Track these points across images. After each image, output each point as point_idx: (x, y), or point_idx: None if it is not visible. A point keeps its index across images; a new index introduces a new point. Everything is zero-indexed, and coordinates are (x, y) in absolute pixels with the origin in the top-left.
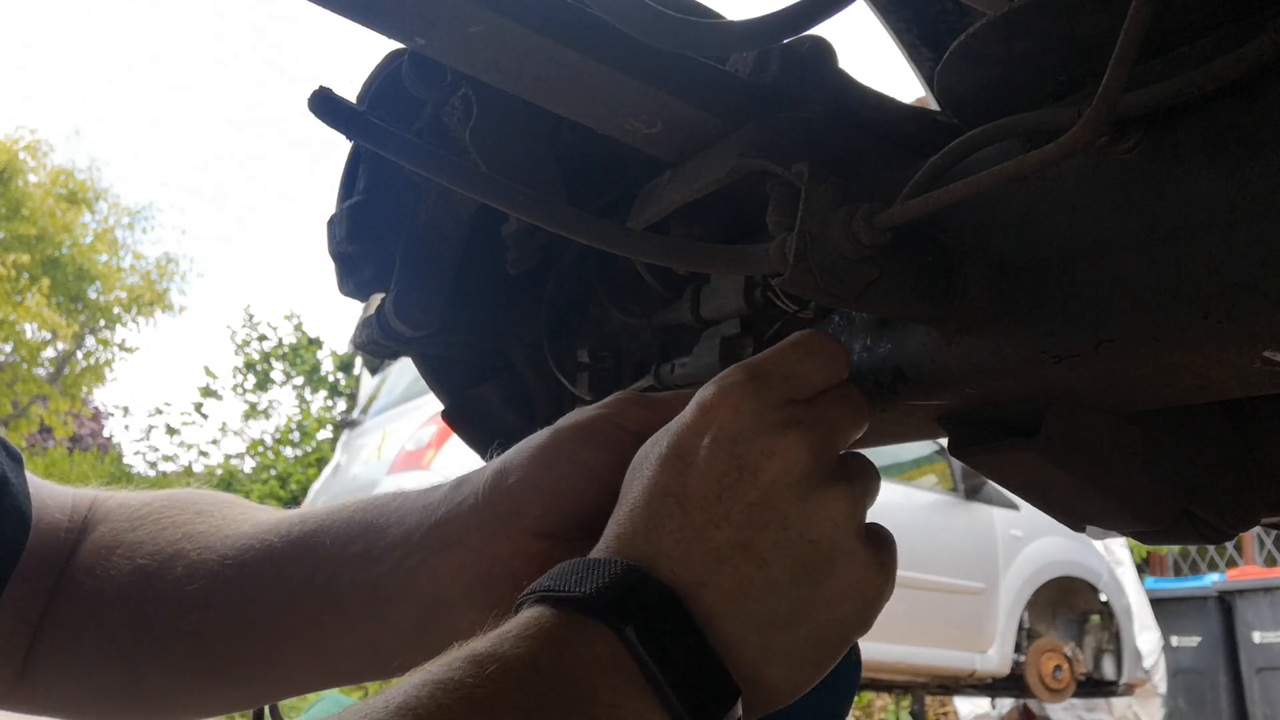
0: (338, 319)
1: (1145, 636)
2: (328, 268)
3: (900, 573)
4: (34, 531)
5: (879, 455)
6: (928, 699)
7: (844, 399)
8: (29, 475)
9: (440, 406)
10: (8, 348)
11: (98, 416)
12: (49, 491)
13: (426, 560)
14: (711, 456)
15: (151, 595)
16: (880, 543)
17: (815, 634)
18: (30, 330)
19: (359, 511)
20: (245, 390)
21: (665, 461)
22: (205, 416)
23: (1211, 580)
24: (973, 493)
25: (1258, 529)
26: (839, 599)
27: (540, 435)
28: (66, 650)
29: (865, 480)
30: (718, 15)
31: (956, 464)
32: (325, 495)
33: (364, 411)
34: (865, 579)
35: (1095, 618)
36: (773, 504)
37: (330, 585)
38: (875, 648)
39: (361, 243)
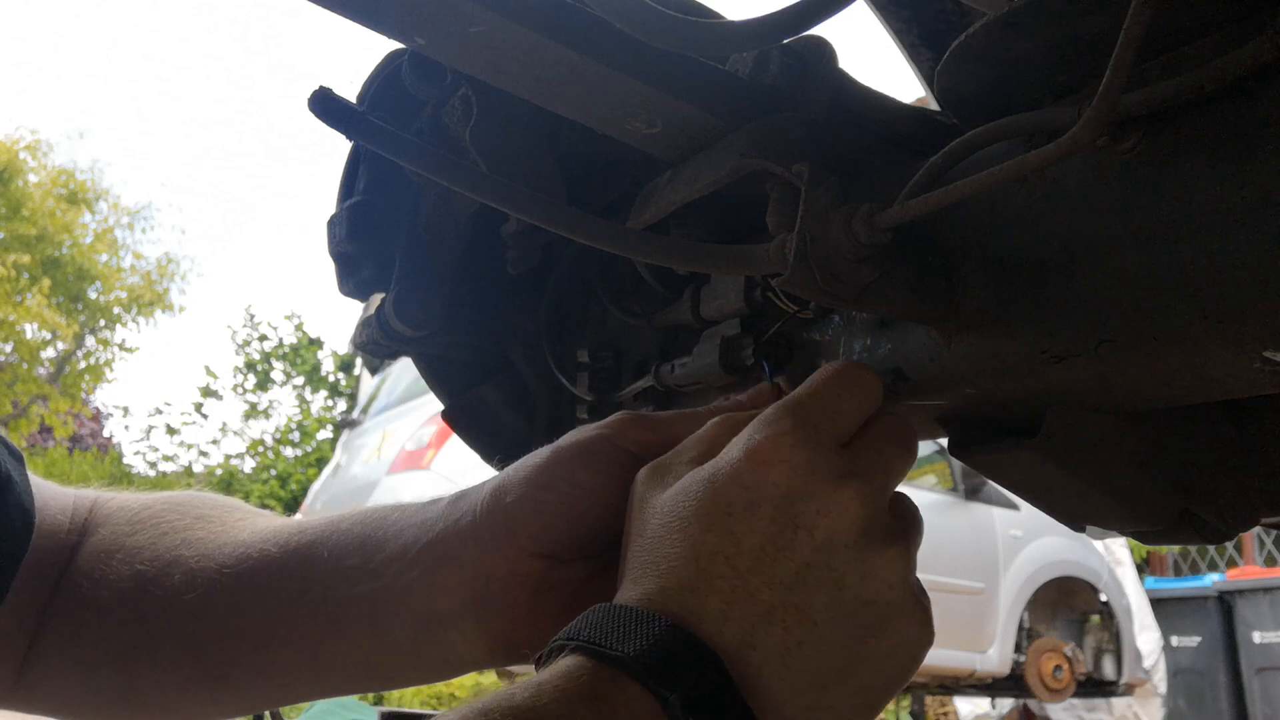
0: (338, 319)
1: (1145, 636)
2: (328, 268)
3: None
4: (36, 532)
5: None
6: (928, 699)
7: (892, 434)
8: (30, 475)
9: (440, 406)
10: (8, 348)
11: (98, 416)
12: (50, 492)
13: (422, 576)
14: (763, 515)
15: (149, 602)
16: (923, 596)
17: (861, 692)
18: (30, 330)
19: (357, 524)
20: (245, 390)
21: (713, 518)
22: (205, 416)
23: (1211, 580)
24: (973, 493)
25: (1258, 529)
26: (887, 656)
27: (539, 454)
28: (65, 653)
29: (918, 535)
30: (718, 15)
31: (956, 464)
32: (325, 495)
33: (364, 411)
34: (915, 638)
35: (1095, 618)
36: (828, 564)
37: (326, 598)
38: None
39: (361, 243)
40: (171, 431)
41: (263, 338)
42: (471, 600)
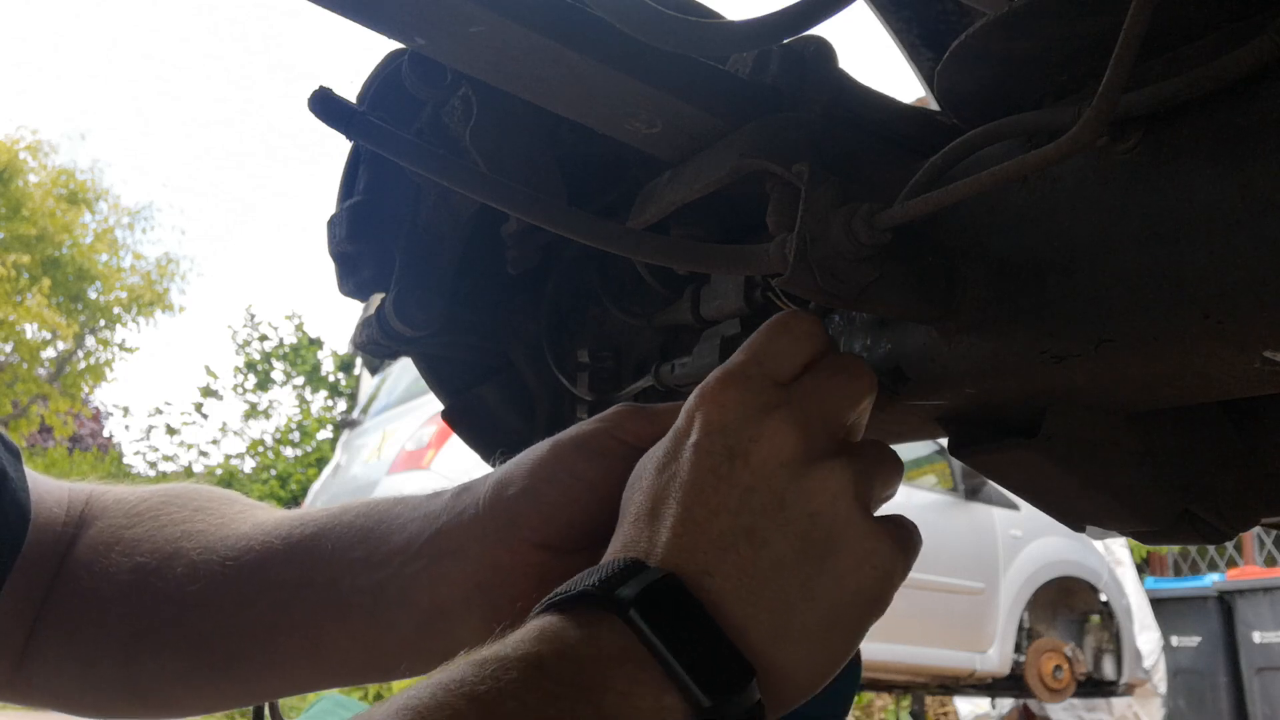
0: (338, 319)
1: (1145, 636)
2: (328, 268)
3: None
4: (32, 526)
5: None
6: (928, 699)
7: (832, 369)
8: (26, 469)
9: (440, 406)
10: (8, 348)
11: (98, 416)
12: (45, 486)
13: (426, 568)
14: (701, 451)
15: (151, 594)
16: (896, 522)
17: (830, 611)
18: (30, 330)
19: (361, 516)
20: (245, 390)
21: (660, 469)
22: (205, 416)
23: (1211, 580)
24: (973, 493)
25: (1258, 529)
26: (850, 571)
27: (540, 447)
28: (64, 645)
29: (868, 459)
30: (718, 15)
31: (956, 464)
32: (325, 495)
33: (364, 411)
34: (876, 549)
35: (1095, 618)
36: (768, 485)
37: (330, 589)
38: (875, 648)
39: (361, 243)
40: (171, 431)
41: (263, 338)
42: (475, 591)
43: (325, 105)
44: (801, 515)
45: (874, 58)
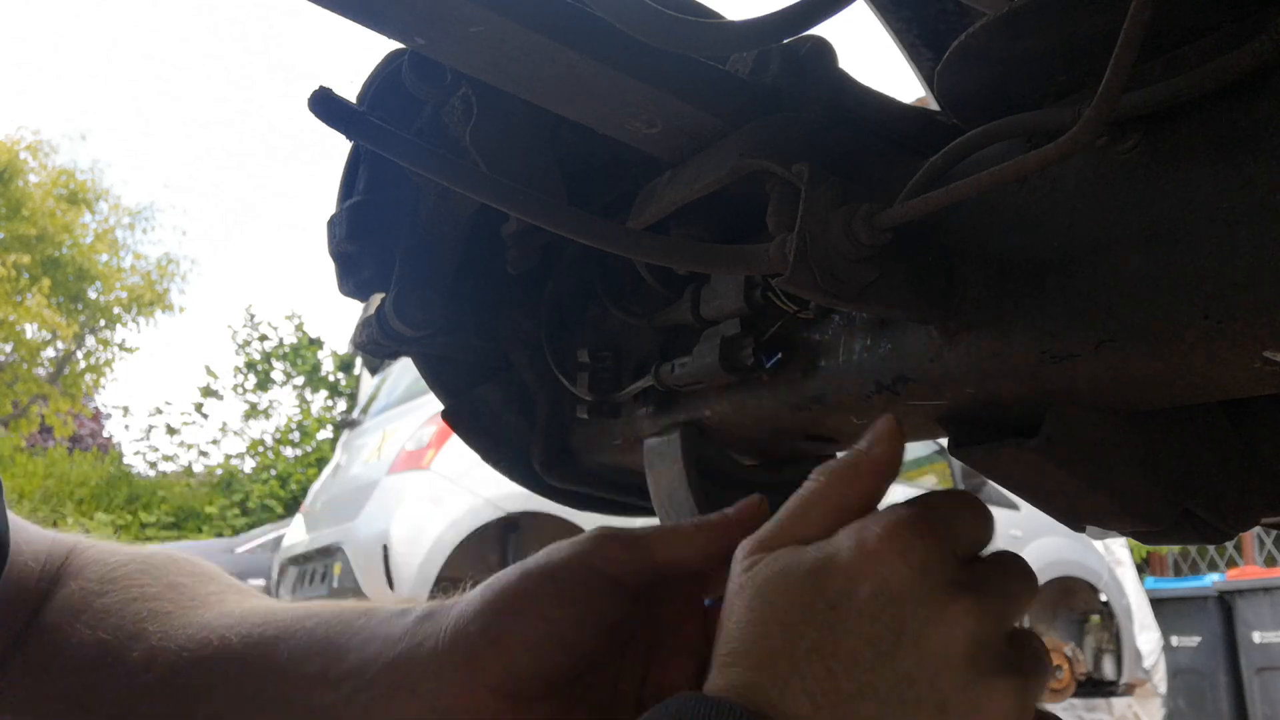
0: (338, 319)
1: (1145, 636)
2: (328, 268)
3: None
4: (5, 579)
5: None
6: None
7: (1014, 563)
8: (10, 515)
9: (440, 406)
10: (8, 348)
11: (98, 416)
12: (25, 535)
13: (378, 701)
14: (866, 613)
15: (106, 675)
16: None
17: None
18: (30, 330)
19: (322, 624)
20: (246, 390)
21: (814, 609)
22: (205, 416)
23: (1211, 580)
24: (973, 493)
25: (1258, 529)
26: None
27: (508, 576)
28: (19, 711)
29: (1041, 674)
30: (718, 15)
31: (956, 464)
32: (325, 495)
33: (364, 411)
34: None
35: (1095, 618)
36: (932, 682)
37: (281, 704)
38: None
39: (361, 243)
40: (171, 431)
41: (263, 338)
42: None
43: (325, 105)
44: None
45: (874, 58)
